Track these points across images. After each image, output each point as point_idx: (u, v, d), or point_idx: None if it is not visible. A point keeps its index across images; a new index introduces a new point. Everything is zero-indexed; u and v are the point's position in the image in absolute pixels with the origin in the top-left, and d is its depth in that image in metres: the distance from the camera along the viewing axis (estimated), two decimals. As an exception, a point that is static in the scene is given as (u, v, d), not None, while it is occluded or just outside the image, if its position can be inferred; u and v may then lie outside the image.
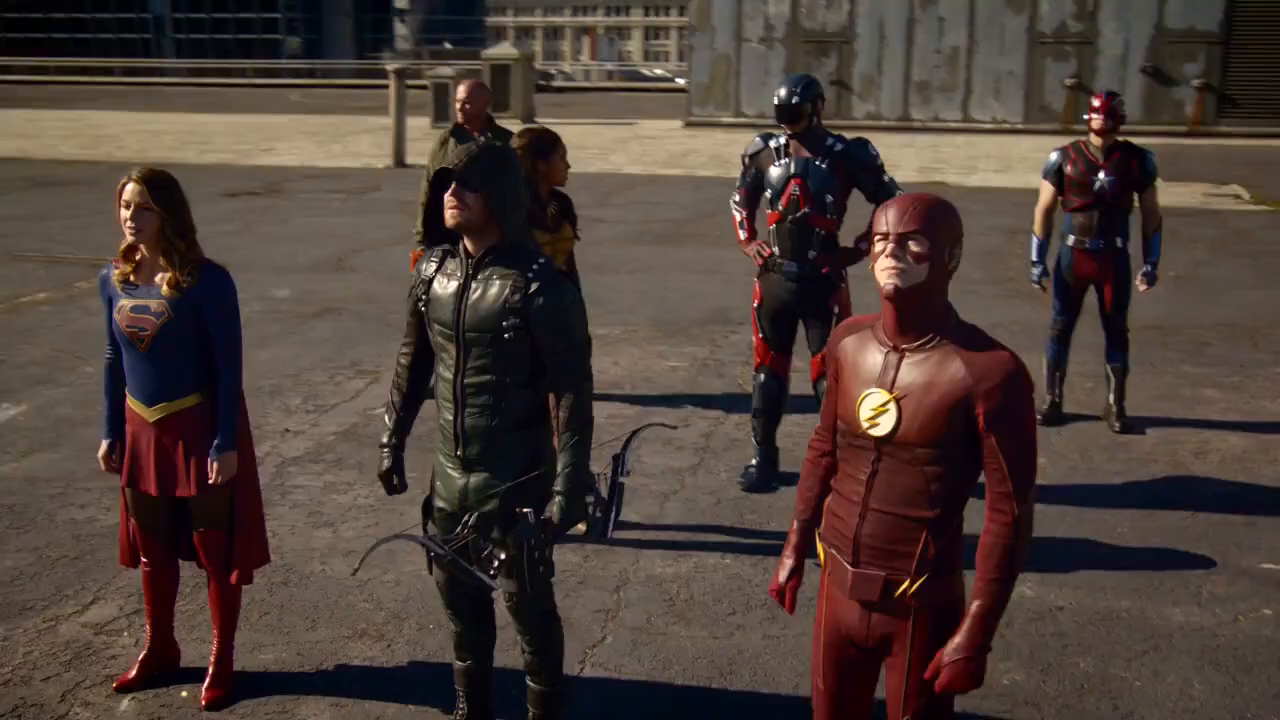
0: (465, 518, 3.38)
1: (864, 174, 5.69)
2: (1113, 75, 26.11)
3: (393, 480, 3.69)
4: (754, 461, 6.05)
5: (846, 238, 5.84)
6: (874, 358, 2.86)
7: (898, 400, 2.79)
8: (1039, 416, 6.98)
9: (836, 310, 5.77)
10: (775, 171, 5.74)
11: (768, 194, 5.78)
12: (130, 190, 3.75)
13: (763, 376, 5.93)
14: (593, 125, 27.96)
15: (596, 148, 23.25)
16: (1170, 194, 15.95)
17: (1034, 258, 6.88)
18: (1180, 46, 25.87)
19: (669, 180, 18.76)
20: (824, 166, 5.63)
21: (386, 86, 21.65)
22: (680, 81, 38.42)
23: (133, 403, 3.94)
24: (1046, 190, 6.83)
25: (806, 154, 5.68)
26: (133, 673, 4.23)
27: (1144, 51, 26.03)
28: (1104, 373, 7.03)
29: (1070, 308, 6.93)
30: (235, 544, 4.06)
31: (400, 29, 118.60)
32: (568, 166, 5.54)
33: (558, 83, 43.30)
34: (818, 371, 5.84)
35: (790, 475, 5.67)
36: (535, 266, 3.37)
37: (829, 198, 5.66)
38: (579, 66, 40.45)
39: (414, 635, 4.63)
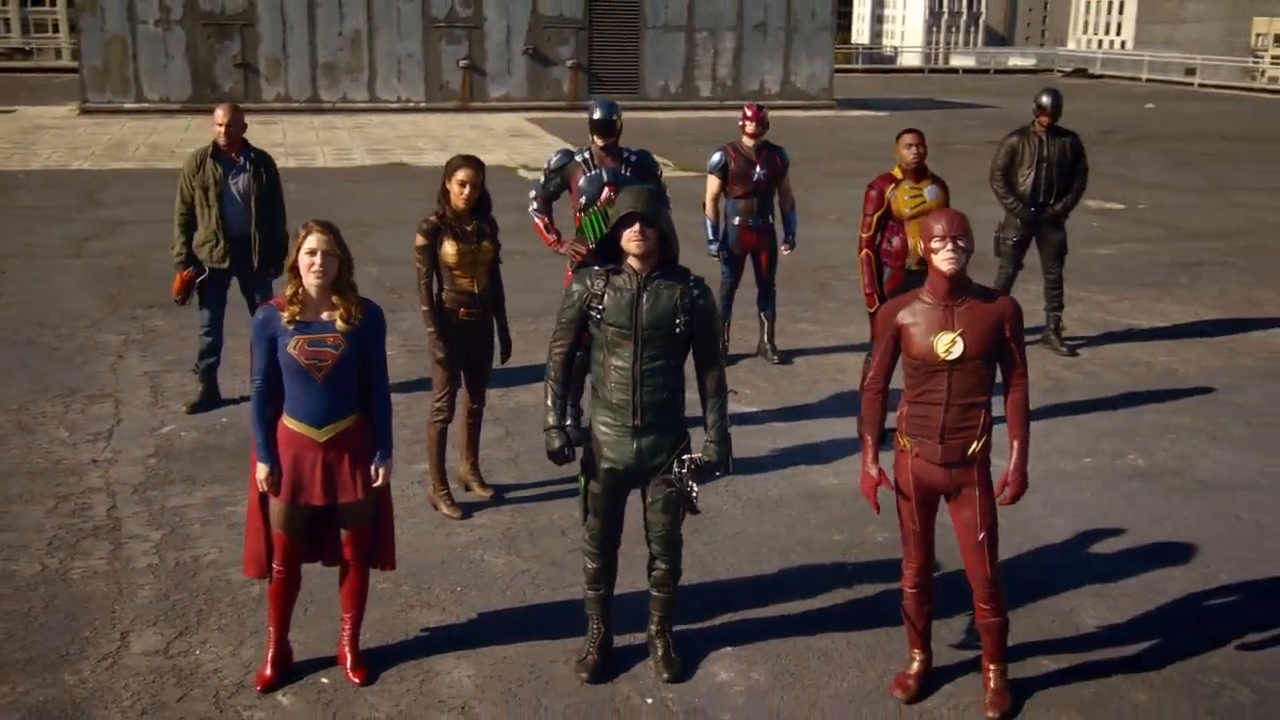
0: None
1: (650, 179, 7.13)
2: (500, 57, 28.91)
3: (565, 454, 4.63)
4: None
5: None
6: (931, 314, 4.50)
7: (961, 334, 4.45)
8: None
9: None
10: (586, 180, 6.98)
11: (582, 200, 7.01)
12: (317, 239, 4.27)
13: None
14: (-28, 115, 25.45)
15: (8, 143, 21.51)
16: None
17: (710, 237, 8.68)
18: (554, 31, 29.20)
19: (132, 175, 18.15)
20: (628, 174, 7.00)
21: None
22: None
23: (297, 426, 4.43)
24: (714, 182, 8.66)
25: (611, 163, 7.00)
26: (268, 670, 4.71)
27: (525, 35, 29.01)
28: (758, 320, 9.05)
29: (736, 271, 8.85)
30: (382, 538, 4.70)
31: None
32: (461, 190, 5.84)
33: None
34: None
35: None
36: (692, 279, 4.54)
37: (633, 200, 7.04)
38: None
39: (454, 597, 5.44)
